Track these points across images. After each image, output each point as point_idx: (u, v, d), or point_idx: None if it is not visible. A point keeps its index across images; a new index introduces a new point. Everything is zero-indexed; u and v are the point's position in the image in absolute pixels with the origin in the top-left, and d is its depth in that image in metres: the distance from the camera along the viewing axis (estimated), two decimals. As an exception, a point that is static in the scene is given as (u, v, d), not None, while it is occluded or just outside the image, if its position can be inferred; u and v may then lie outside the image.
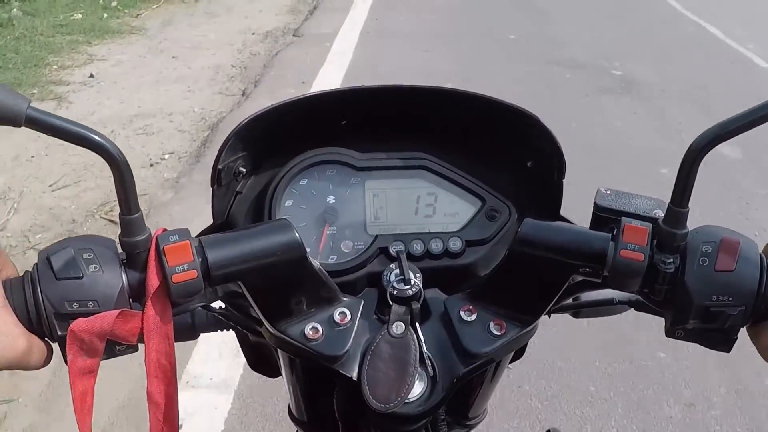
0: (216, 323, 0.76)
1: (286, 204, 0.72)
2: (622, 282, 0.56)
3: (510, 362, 0.76)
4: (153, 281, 0.52)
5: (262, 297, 0.58)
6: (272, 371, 0.81)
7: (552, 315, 0.71)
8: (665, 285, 0.55)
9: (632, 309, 0.70)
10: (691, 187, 0.52)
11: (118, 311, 0.51)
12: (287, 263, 0.57)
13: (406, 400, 0.58)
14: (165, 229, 0.55)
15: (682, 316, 0.55)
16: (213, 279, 0.55)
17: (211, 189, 0.68)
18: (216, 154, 0.66)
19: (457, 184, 0.73)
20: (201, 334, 0.78)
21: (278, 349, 0.67)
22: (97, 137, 0.49)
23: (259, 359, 0.81)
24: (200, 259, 0.54)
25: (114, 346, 0.53)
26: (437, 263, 0.71)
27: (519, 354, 0.78)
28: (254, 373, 0.83)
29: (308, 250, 0.71)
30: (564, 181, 0.70)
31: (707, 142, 0.50)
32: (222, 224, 0.71)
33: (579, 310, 0.76)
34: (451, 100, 0.73)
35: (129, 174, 0.50)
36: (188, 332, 0.78)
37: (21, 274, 0.53)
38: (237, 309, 0.68)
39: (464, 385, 0.63)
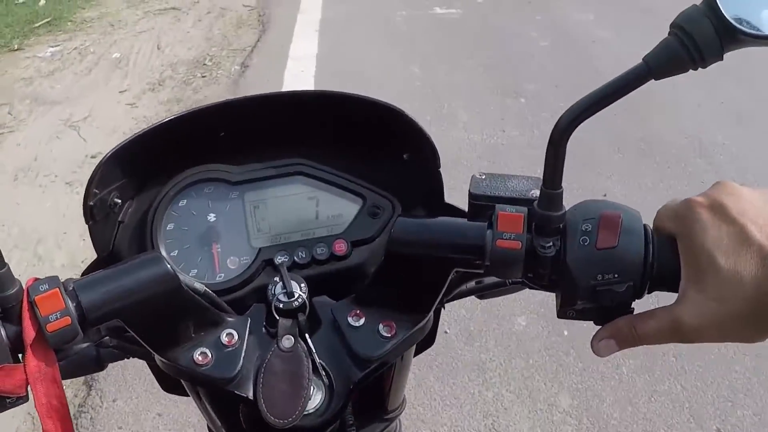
0: (121, 353, 0.75)
1: (167, 228, 0.71)
2: (503, 271, 0.55)
3: (417, 354, 0.76)
4: (29, 333, 0.52)
5: (145, 330, 0.58)
6: (186, 391, 0.81)
7: (447, 303, 0.71)
8: (547, 269, 0.53)
9: (527, 288, 0.69)
10: (562, 167, 0.50)
11: None
12: (163, 295, 0.57)
13: (306, 412, 0.58)
14: (36, 279, 0.54)
15: (569, 298, 0.54)
16: (90, 321, 0.54)
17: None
18: (84, 191, 0.64)
19: (336, 185, 0.72)
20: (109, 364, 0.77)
21: None
22: None
23: (171, 382, 0.80)
24: (74, 304, 0.53)
25: (4, 400, 0.53)
26: (324, 268, 0.70)
27: (427, 344, 0.77)
28: None
29: (194, 272, 0.70)
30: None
31: (572, 119, 0.49)
32: (107, 256, 0.70)
33: (482, 293, 0.75)
34: (317, 103, 0.72)
35: None
36: (94, 365, 0.76)
37: None
38: (129, 341, 0.67)
39: (372, 384, 0.63)
